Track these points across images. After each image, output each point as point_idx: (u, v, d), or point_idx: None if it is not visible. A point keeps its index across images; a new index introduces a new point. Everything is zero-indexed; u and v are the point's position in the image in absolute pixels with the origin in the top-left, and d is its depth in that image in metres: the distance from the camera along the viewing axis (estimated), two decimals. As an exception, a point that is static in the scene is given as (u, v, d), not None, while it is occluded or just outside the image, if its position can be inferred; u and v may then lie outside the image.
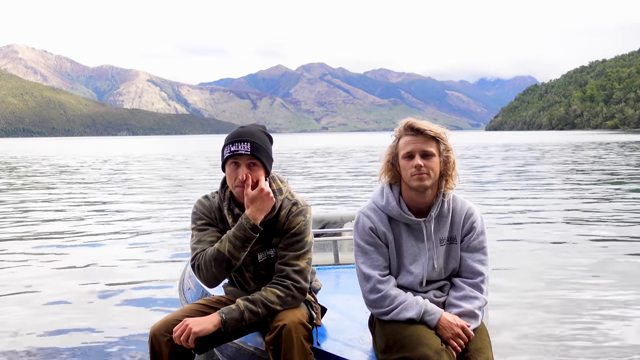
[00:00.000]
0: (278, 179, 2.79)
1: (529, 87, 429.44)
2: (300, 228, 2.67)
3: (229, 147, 2.62)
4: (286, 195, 2.75)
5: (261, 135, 2.68)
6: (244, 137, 2.62)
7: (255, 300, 2.55)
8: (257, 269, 2.77)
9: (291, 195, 2.76)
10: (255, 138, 2.63)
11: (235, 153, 2.60)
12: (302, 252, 2.66)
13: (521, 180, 17.42)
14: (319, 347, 2.62)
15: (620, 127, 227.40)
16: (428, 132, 2.49)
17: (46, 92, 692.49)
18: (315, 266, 4.17)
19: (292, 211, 2.69)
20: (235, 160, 2.62)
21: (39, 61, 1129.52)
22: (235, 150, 2.60)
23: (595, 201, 12.07)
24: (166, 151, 54.63)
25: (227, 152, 2.63)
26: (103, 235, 8.96)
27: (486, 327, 2.64)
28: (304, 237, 2.68)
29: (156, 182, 19.09)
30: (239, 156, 2.60)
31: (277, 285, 2.61)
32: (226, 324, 2.50)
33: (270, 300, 2.56)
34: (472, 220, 2.61)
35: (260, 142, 2.64)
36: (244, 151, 2.59)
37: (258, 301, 2.55)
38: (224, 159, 2.65)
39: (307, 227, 2.70)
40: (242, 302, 2.55)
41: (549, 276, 5.92)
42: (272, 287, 2.60)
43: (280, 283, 2.61)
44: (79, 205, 12.88)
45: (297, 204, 2.72)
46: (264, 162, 2.65)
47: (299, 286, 2.61)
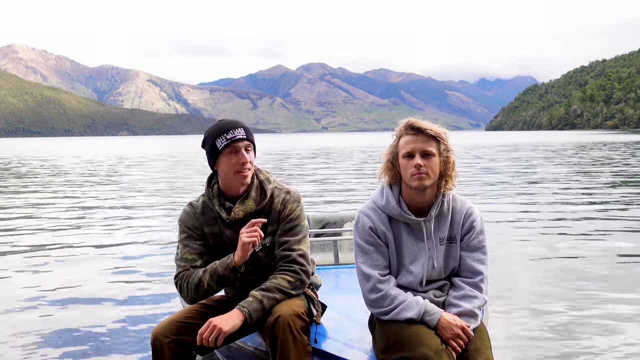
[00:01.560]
0: (264, 170, 2.84)
1: (529, 87, 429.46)
2: (297, 213, 2.74)
3: (223, 137, 2.66)
4: (274, 184, 2.80)
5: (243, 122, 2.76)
6: (236, 125, 2.69)
7: (269, 288, 2.58)
8: (256, 260, 2.77)
9: (279, 185, 2.82)
10: (243, 124, 2.72)
11: (234, 139, 2.64)
12: (301, 236, 2.72)
13: (534, 183, 17.32)
14: (318, 347, 2.61)
15: (620, 127, 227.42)
16: (428, 132, 2.49)
17: (46, 92, 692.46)
18: (315, 266, 4.19)
19: (287, 199, 2.75)
20: (234, 147, 2.66)
21: (39, 61, 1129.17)
22: (233, 136, 2.65)
23: (606, 202, 12.04)
24: (170, 151, 54.61)
25: (222, 141, 2.65)
26: (102, 234, 8.92)
27: (486, 326, 2.63)
28: (300, 222, 2.74)
29: (159, 180, 19.08)
30: (237, 141, 2.65)
31: (286, 271, 2.64)
32: (250, 315, 2.51)
33: (283, 285, 2.60)
34: (471, 220, 2.61)
35: (248, 127, 2.73)
36: (241, 135, 2.66)
37: (272, 288, 2.58)
38: (220, 150, 2.67)
39: (302, 213, 2.77)
40: (258, 292, 2.57)
41: (549, 276, 5.91)
42: (281, 274, 2.64)
43: (288, 268, 2.65)
44: (79, 203, 12.89)
45: (290, 192, 2.78)
46: (255, 147, 2.75)
47: (305, 269, 2.66)
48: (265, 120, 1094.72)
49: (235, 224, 2.74)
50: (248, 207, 2.71)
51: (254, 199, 2.73)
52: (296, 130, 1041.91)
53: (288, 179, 19.34)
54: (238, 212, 2.70)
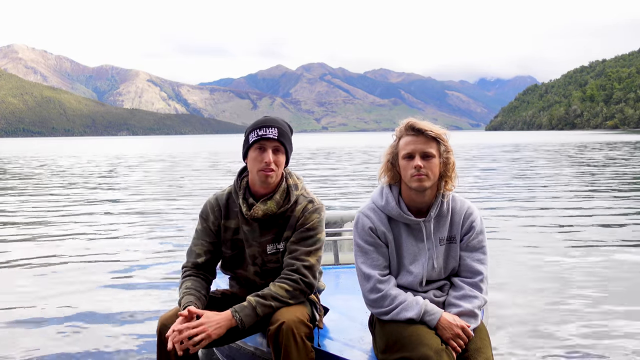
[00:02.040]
0: (295, 175, 2.85)
1: (529, 87, 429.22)
2: (315, 224, 2.72)
3: (255, 132, 2.68)
4: (301, 192, 2.80)
5: (285, 124, 2.77)
6: (271, 123, 2.70)
7: (265, 295, 2.58)
8: (265, 262, 2.79)
9: (306, 193, 2.81)
10: (281, 125, 2.73)
11: (263, 137, 2.66)
12: (313, 248, 2.70)
13: (544, 185, 17.32)
14: (318, 347, 2.63)
15: (620, 127, 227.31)
16: (429, 133, 2.49)
17: (46, 92, 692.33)
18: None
19: (308, 208, 2.74)
20: (262, 145, 2.67)
21: (39, 61, 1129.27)
22: (264, 134, 2.66)
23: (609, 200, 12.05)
24: (171, 151, 54.64)
25: (254, 136, 2.68)
26: (110, 224, 8.93)
27: (486, 326, 2.64)
28: (317, 234, 2.72)
29: (166, 171, 19.09)
30: (266, 140, 2.67)
31: (286, 280, 2.63)
32: (242, 322, 2.51)
33: (280, 294, 2.59)
34: (471, 220, 2.61)
35: (285, 130, 2.73)
36: (272, 135, 2.66)
37: (268, 296, 2.57)
38: (250, 143, 2.70)
39: (320, 225, 2.74)
40: (253, 298, 2.57)
41: (549, 276, 5.91)
42: (280, 283, 2.63)
43: (289, 277, 2.64)
44: (85, 196, 12.89)
45: (313, 201, 2.77)
46: (287, 149, 2.74)
47: (307, 281, 2.64)
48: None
49: (253, 222, 2.75)
50: (269, 208, 2.71)
51: (276, 202, 2.73)
52: (296, 130, 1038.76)
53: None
54: (258, 210, 2.71)
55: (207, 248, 2.81)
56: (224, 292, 2.95)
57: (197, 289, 2.70)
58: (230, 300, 2.77)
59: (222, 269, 2.93)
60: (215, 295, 2.88)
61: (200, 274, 2.78)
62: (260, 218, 2.72)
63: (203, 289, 2.73)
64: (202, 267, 2.79)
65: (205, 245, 2.81)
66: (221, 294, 2.90)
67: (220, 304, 2.74)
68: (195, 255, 2.80)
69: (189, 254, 2.83)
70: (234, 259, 2.85)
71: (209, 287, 2.82)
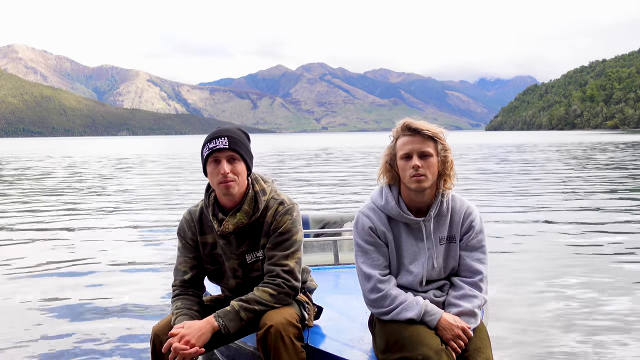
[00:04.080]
0: (261, 179, 2.79)
1: (529, 87, 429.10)
2: (287, 227, 2.67)
3: (207, 146, 2.63)
4: (271, 195, 2.74)
5: (238, 131, 2.69)
6: (221, 133, 2.63)
7: (249, 300, 2.57)
8: (246, 273, 2.76)
9: (277, 195, 2.76)
10: (232, 133, 2.65)
11: (215, 149, 2.59)
12: (290, 251, 2.66)
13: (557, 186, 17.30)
14: (318, 347, 2.62)
15: (620, 127, 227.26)
16: (425, 132, 2.49)
17: (46, 92, 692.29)
18: (315, 266, 4.19)
19: (279, 210, 2.69)
20: (215, 157, 2.61)
21: (39, 61, 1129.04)
22: (214, 146, 2.60)
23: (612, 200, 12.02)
24: (171, 151, 54.58)
25: (206, 150, 2.63)
26: (102, 229, 8.91)
27: (486, 326, 2.63)
28: (291, 236, 2.68)
29: (163, 171, 19.09)
30: (218, 152, 2.60)
31: (269, 284, 2.61)
32: (226, 327, 2.50)
33: (264, 298, 2.57)
34: (471, 219, 2.61)
35: (237, 137, 2.65)
36: (223, 145, 2.59)
37: (252, 300, 2.56)
38: (204, 159, 2.65)
39: (294, 226, 2.69)
40: (237, 303, 2.56)
41: (549, 275, 5.90)
42: (263, 287, 2.61)
43: (271, 282, 2.62)
44: (79, 198, 12.89)
45: (284, 203, 2.72)
46: (243, 156, 2.65)
47: (290, 284, 2.62)
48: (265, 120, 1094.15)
49: (228, 234, 2.72)
50: (240, 221, 2.67)
51: (246, 212, 2.68)
52: (296, 130, 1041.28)
53: (288, 179, 19.33)
54: (228, 225, 2.67)
55: (191, 264, 2.79)
56: (217, 297, 2.94)
57: (187, 307, 2.68)
58: (224, 305, 2.73)
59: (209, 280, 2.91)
60: (210, 303, 2.86)
61: (189, 291, 2.77)
62: (232, 232, 2.68)
63: (194, 305, 2.72)
64: (190, 283, 2.78)
65: (188, 261, 2.80)
66: (214, 300, 2.90)
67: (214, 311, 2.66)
68: (181, 273, 2.79)
69: (176, 273, 2.82)
70: (215, 273, 2.83)
71: (201, 301, 2.81)
